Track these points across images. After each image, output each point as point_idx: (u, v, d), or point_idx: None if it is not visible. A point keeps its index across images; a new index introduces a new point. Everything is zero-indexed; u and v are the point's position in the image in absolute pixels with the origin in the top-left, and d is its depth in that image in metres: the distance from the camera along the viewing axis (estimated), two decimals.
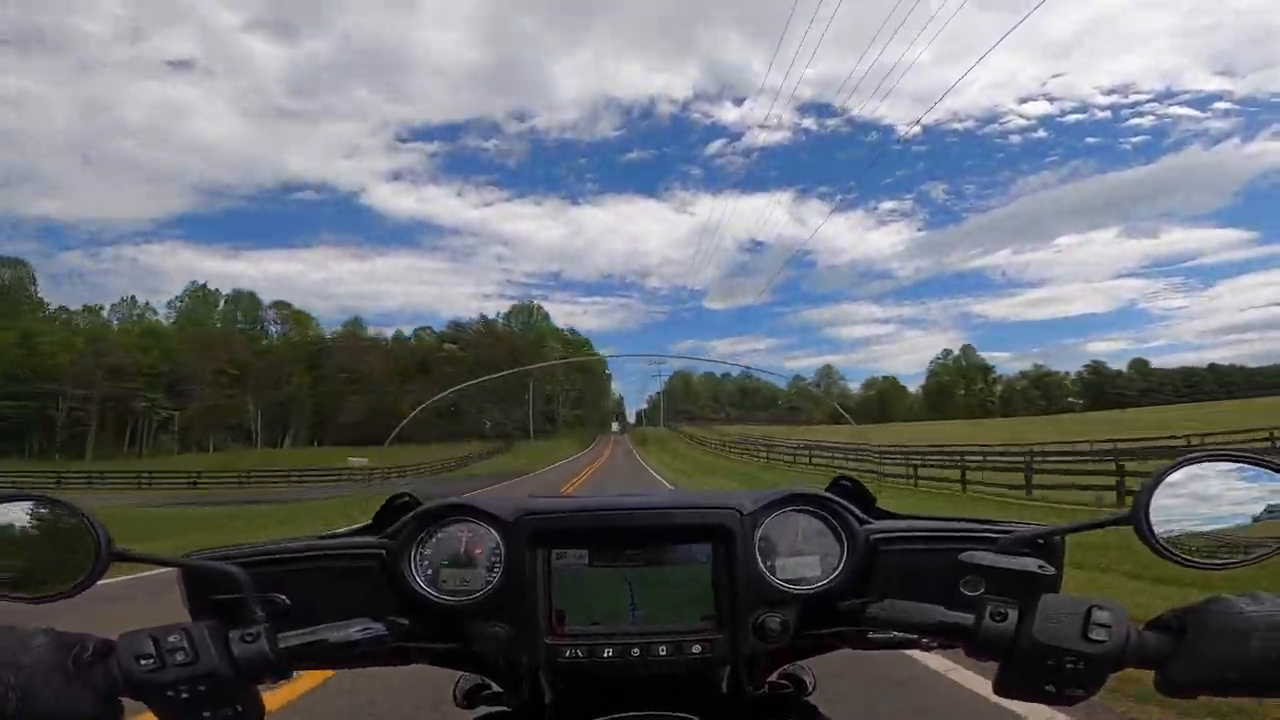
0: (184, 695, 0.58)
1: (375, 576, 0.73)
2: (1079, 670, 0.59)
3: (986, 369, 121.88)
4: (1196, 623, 0.58)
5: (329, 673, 3.26)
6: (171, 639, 0.59)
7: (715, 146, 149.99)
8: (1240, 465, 0.65)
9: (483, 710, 0.86)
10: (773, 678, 0.86)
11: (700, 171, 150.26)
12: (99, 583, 0.60)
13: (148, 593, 5.03)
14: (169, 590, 0.74)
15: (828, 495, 0.77)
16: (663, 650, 0.70)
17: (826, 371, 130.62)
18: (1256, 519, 0.64)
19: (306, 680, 3.32)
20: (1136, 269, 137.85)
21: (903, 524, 0.78)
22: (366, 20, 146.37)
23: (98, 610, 1.24)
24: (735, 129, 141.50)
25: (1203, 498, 0.64)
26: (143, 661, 0.57)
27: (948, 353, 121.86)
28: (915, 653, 0.86)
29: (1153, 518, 0.62)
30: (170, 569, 0.67)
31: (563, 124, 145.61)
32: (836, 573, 0.73)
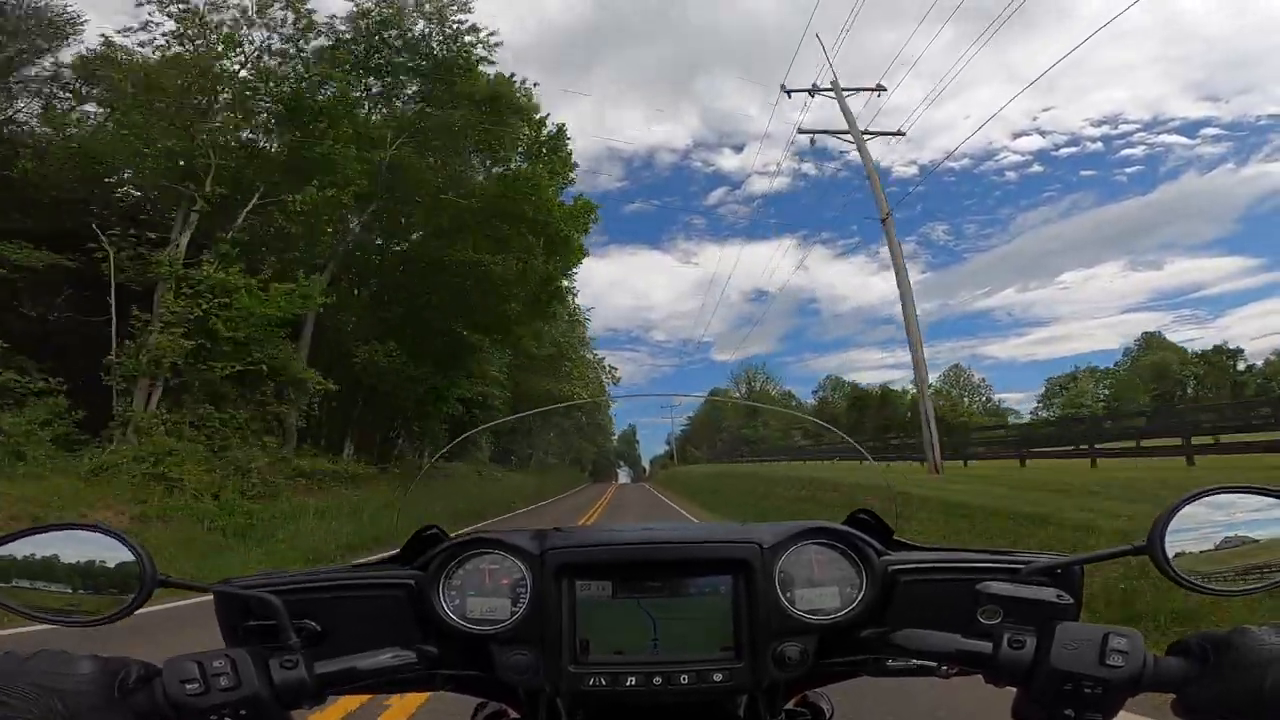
0: None
1: (404, 605, 0.75)
2: (1097, 695, 0.60)
3: (1229, 354, 66.40)
4: (1217, 651, 0.60)
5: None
6: (216, 664, 0.60)
7: (716, 195, 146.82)
8: (1253, 496, 0.66)
9: None
10: (790, 705, 0.86)
11: (703, 221, 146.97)
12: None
13: None
14: None
15: (846, 529, 0.78)
16: (684, 679, 0.71)
17: (955, 375, 74.93)
18: (1268, 548, 0.65)
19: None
20: (1144, 302, 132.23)
21: (920, 555, 0.79)
22: None
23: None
24: (736, 177, 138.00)
25: (1216, 528, 0.66)
26: (188, 686, 0.59)
27: (1149, 336, 73.64)
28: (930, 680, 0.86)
29: (1168, 547, 0.64)
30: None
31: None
32: (855, 603, 0.74)
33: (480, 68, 18.70)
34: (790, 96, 19.54)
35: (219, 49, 15.61)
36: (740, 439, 53.84)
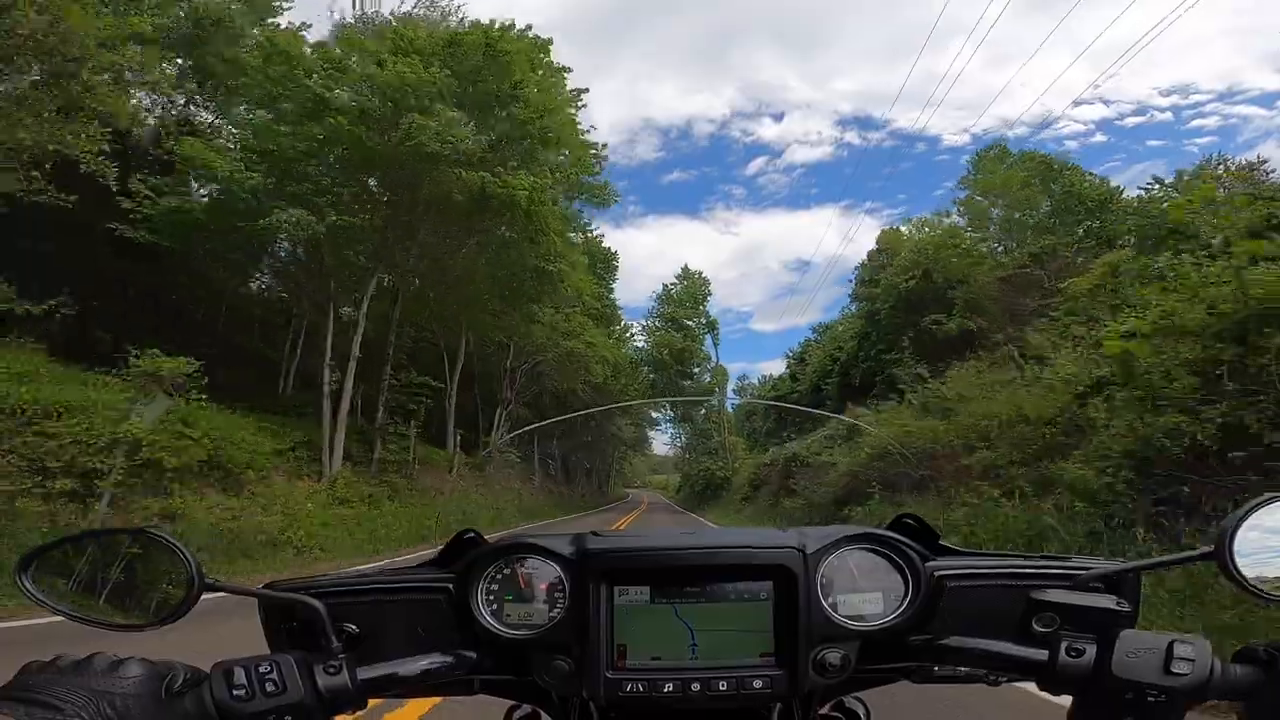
0: None
1: (443, 610, 0.75)
2: (1159, 703, 0.58)
3: None
4: None
5: None
6: (262, 669, 0.61)
7: (756, 164, 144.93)
8: None
9: None
10: (824, 710, 0.85)
11: (742, 190, 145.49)
12: None
13: None
14: None
15: (890, 534, 0.77)
16: (723, 686, 0.70)
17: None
18: None
19: None
20: None
21: (968, 561, 0.77)
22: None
23: None
24: (776, 146, 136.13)
25: None
26: (235, 691, 0.60)
27: None
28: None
29: (1236, 553, 0.61)
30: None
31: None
32: (900, 609, 0.73)
33: None
34: None
35: None
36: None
